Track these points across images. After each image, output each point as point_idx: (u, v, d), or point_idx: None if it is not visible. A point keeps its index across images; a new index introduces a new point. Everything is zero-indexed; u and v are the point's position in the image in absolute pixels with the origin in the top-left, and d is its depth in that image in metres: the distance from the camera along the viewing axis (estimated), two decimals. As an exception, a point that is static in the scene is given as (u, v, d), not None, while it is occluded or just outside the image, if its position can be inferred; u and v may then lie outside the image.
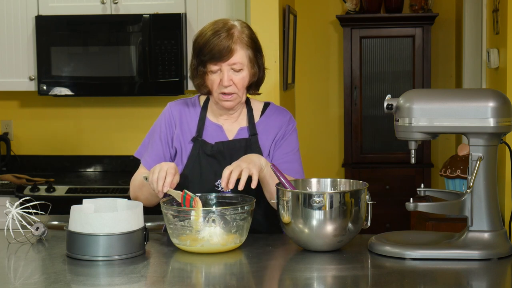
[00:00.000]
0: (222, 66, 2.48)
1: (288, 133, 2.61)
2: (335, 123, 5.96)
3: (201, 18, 4.28)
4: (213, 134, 2.59)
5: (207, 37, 2.48)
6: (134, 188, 2.62)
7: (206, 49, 2.47)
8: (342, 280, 2.05)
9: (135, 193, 2.62)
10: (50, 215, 2.79)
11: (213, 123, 2.61)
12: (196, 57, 2.52)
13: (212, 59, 2.47)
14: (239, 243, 2.31)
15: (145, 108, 4.66)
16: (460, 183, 3.73)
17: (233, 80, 2.49)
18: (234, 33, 2.48)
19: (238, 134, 2.60)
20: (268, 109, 2.65)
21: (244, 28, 2.52)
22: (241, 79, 2.50)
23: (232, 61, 2.47)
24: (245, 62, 2.49)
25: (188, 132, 2.60)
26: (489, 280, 2.12)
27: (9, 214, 2.43)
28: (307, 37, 5.79)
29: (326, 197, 2.22)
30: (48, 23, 4.32)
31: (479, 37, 4.80)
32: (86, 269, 2.13)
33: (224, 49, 2.45)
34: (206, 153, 2.55)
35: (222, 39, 2.45)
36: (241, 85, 2.51)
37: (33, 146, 4.82)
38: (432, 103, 2.22)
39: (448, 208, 2.27)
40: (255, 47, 2.53)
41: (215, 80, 2.50)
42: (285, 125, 2.62)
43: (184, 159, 2.57)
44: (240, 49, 2.48)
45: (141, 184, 2.55)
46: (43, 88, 4.35)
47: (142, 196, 2.58)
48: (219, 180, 2.53)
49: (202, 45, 2.49)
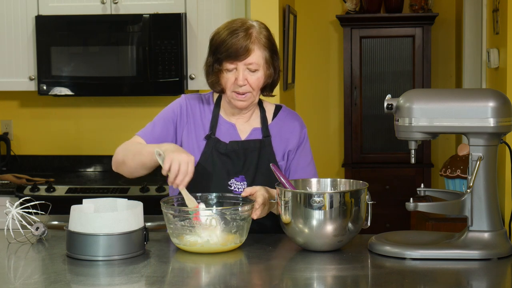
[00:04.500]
0: (238, 65, 2.47)
1: (302, 142, 2.62)
2: (335, 123, 5.96)
3: (201, 18, 4.28)
4: (226, 132, 2.58)
5: (224, 35, 2.47)
6: (127, 152, 2.53)
7: (223, 47, 2.46)
8: (342, 280, 2.05)
9: (124, 158, 2.53)
10: (50, 215, 2.79)
11: (226, 121, 2.60)
12: (212, 55, 2.51)
13: (228, 58, 2.46)
14: (239, 243, 2.31)
15: (145, 108, 4.66)
16: (460, 183, 3.73)
17: (248, 80, 2.48)
18: (252, 33, 2.47)
19: (251, 135, 2.59)
20: (281, 112, 2.64)
21: (262, 29, 2.51)
22: (256, 80, 2.49)
23: (248, 61, 2.46)
24: (261, 63, 2.49)
25: (201, 128, 2.58)
26: (489, 280, 2.12)
27: (9, 214, 2.43)
28: (307, 37, 5.79)
29: (326, 197, 2.22)
30: (48, 23, 4.32)
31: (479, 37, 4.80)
32: (86, 269, 2.13)
33: (242, 48, 2.44)
34: (220, 151, 2.54)
35: (240, 38, 2.45)
36: (255, 86, 2.50)
37: (33, 146, 4.81)
38: (432, 103, 2.22)
39: (448, 208, 2.27)
40: (272, 49, 2.52)
41: (229, 79, 2.49)
42: (298, 131, 2.61)
43: (197, 156, 2.56)
44: (257, 49, 2.47)
45: (139, 152, 2.49)
46: (43, 88, 4.35)
47: (131, 163, 2.51)
48: (232, 180, 2.53)
49: (220, 43, 2.48)
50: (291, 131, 2.61)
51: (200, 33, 4.27)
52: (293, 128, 2.61)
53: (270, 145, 2.57)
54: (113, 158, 2.60)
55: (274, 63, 2.53)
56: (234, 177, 2.53)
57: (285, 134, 2.60)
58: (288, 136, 2.60)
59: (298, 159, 2.60)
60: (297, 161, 2.60)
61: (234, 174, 2.53)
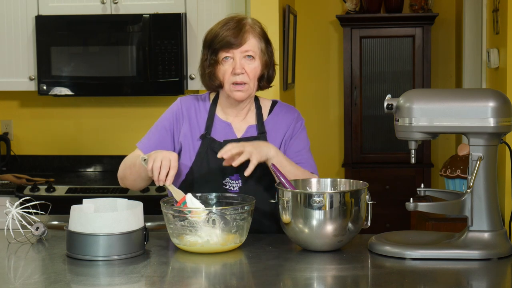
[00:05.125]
0: (234, 54, 2.48)
1: (297, 132, 2.61)
2: (335, 123, 5.96)
3: (201, 18, 4.28)
4: (221, 131, 2.58)
5: (217, 28, 2.50)
6: (125, 166, 2.58)
7: (218, 39, 2.48)
8: (342, 280, 2.05)
9: (124, 172, 2.58)
10: (50, 215, 2.79)
11: (222, 120, 2.60)
12: (208, 48, 2.52)
13: (224, 46, 2.47)
14: (239, 243, 2.31)
15: (145, 108, 4.66)
16: (460, 183, 3.73)
17: (245, 69, 2.49)
18: (246, 23, 2.50)
19: (246, 132, 2.59)
20: (276, 107, 2.65)
21: (255, 22, 2.54)
22: (253, 69, 2.50)
23: (244, 48, 2.47)
24: (257, 51, 2.50)
25: (197, 128, 2.59)
26: (489, 280, 2.12)
27: (9, 214, 2.43)
28: (307, 37, 5.79)
29: (326, 197, 2.22)
30: (48, 23, 4.32)
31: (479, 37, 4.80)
32: (86, 269, 2.13)
33: (237, 35, 2.46)
34: (215, 151, 2.54)
35: (233, 27, 2.47)
36: (253, 75, 2.50)
37: (33, 146, 4.82)
38: (432, 103, 2.22)
39: (448, 208, 2.27)
40: (266, 40, 2.55)
41: (227, 70, 2.49)
42: (293, 123, 2.61)
43: (192, 156, 2.56)
44: (252, 37, 2.49)
45: (133, 164, 2.52)
46: (43, 88, 4.35)
47: (130, 176, 2.55)
48: (227, 179, 2.53)
49: (214, 36, 2.50)
50: (286, 123, 2.61)
51: (200, 33, 4.27)
52: (287, 121, 2.61)
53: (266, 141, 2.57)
54: (118, 174, 2.64)
55: (269, 55, 2.55)
56: (229, 176, 2.53)
57: (280, 128, 2.60)
58: (283, 129, 2.60)
59: (291, 146, 2.59)
60: (290, 147, 2.59)
61: (229, 173, 2.53)
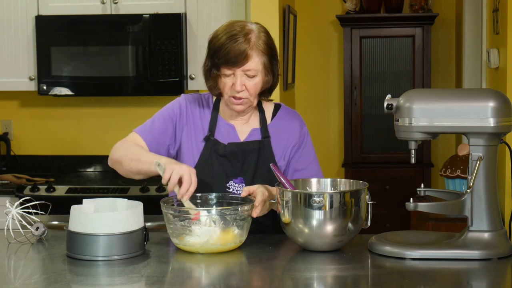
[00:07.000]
0: (236, 71, 2.45)
1: (304, 139, 2.60)
2: (335, 123, 5.96)
3: (201, 18, 4.28)
4: (225, 133, 2.57)
5: (223, 40, 2.44)
6: (124, 154, 2.50)
7: (222, 53, 2.44)
8: (342, 280, 2.05)
9: (121, 159, 2.51)
10: (50, 215, 2.79)
11: (225, 122, 2.59)
12: (210, 59, 2.49)
13: (226, 63, 2.44)
14: (239, 243, 2.31)
15: (145, 108, 4.66)
16: (460, 183, 3.73)
17: (246, 86, 2.46)
18: (251, 38, 2.44)
19: (250, 136, 2.59)
20: (279, 112, 2.63)
21: (261, 33, 2.48)
22: (254, 85, 2.47)
23: (246, 67, 2.44)
24: (259, 68, 2.46)
25: (201, 129, 2.58)
26: (489, 280, 2.12)
27: (9, 214, 2.43)
28: (307, 37, 5.79)
29: (326, 197, 2.22)
30: (48, 23, 4.32)
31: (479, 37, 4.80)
32: (86, 269, 2.13)
33: (240, 54, 2.42)
34: (218, 153, 2.53)
35: (238, 44, 2.42)
36: (253, 91, 2.48)
37: (33, 146, 4.82)
38: (432, 103, 2.22)
39: (448, 208, 2.27)
40: (271, 54, 2.49)
41: (227, 84, 2.47)
42: (298, 129, 2.60)
43: (195, 158, 2.56)
44: (255, 55, 2.44)
45: (137, 159, 2.47)
46: (43, 88, 4.35)
47: (127, 166, 2.50)
48: (230, 182, 2.53)
49: (218, 48, 2.45)
50: (291, 130, 2.60)
51: (200, 33, 4.27)
52: (292, 127, 2.61)
53: (269, 146, 2.57)
54: (110, 154, 2.57)
55: (273, 68, 2.51)
56: (233, 179, 2.53)
57: (284, 133, 2.60)
58: (287, 135, 2.60)
59: (300, 158, 2.59)
60: (299, 160, 2.59)
61: (233, 176, 2.53)
